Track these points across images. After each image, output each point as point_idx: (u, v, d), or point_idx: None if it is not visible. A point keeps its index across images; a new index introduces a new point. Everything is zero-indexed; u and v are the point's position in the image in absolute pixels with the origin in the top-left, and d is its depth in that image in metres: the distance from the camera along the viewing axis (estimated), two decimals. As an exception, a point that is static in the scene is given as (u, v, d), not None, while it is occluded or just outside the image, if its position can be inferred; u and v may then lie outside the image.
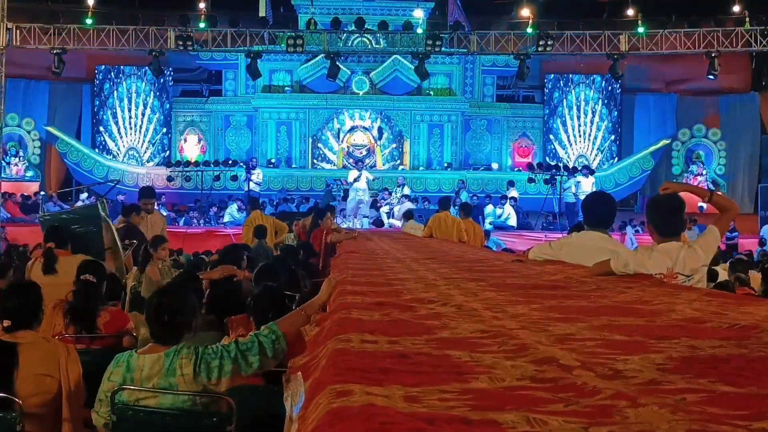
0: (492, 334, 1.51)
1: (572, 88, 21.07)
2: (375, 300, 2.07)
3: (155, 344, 2.71)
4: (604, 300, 2.16)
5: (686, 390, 1.04)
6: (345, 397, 0.98)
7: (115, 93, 20.64)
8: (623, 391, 1.03)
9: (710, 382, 1.09)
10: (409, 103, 20.46)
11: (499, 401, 0.97)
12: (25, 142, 20.02)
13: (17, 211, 16.97)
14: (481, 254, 5.17)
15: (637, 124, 21.22)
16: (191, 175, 18.35)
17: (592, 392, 1.03)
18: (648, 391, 1.03)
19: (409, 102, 20.46)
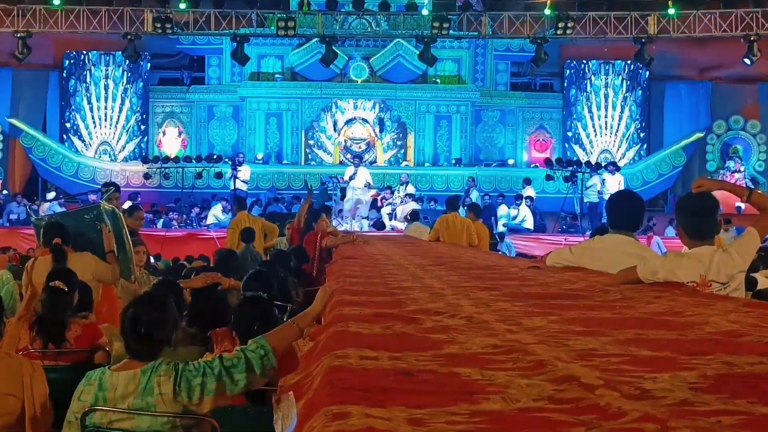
0: (505, 350, 1.51)
1: (595, 75, 21.08)
2: (375, 311, 2.07)
3: (131, 360, 2.71)
4: (630, 311, 2.16)
5: (722, 412, 1.04)
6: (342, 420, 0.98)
7: (85, 81, 20.66)
8: (652, 412, 1.03)
9: (749, 403, 1.09)
10: (414, 92, 20.48)
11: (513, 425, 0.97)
12: (-14, 136, 20.07)
13: (-23, 212, 16.99)
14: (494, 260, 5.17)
15: (668, 115, 21.22)
16: (171, 172, 18.38)
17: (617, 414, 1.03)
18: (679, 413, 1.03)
19: (413, 91, 20.48)
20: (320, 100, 20.43)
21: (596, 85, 21.08)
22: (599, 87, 21.08)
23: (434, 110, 20.55)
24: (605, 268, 3.35)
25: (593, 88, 21.08)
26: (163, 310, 2.79)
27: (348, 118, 20.68)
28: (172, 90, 21.39)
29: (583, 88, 21.12)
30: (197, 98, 20.98)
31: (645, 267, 2.82)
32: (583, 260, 3.56)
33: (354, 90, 20.47)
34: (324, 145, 20.74)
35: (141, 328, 2.69)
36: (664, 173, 20.11)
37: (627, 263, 3.11)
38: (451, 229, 8.94)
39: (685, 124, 20.86)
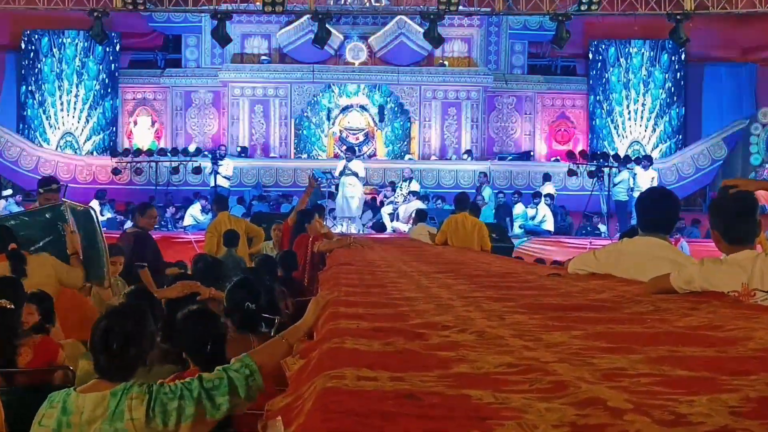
0: (522, 369, 1.51)
1: (624, 57, 21.10)
2: (374, 325, 2.07)
3: (100, 380, 2.71)
4: (663, 325, 2.16)
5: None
6: (337, 448, 0.98)
7: (46, 65, 20.69)
8: (687, 440, 1.03)
9: (797, 430, 1.09)
10: (418, 76, 20.51)
11: (530, 454, 0.98)
12: (-66, 126, 20.07)
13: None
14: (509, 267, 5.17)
15: (706, 102, 21.23)
16: (143, 167, 18.37)
17: (648, 442, 1.03)
18: (718, 441, 1.03)
19: (417, 75, 20.51)
20: (312, 86, 20.46)
21: (625, 68, 21.09)
22: (628, 70, 21.09)
23: (441, 96, 20.58)
24: (635, 275, 3.35)
25: (622, 71, 21.09)
26: (140, 324, 2.79)
27: (344, 106, 20.71)
28: (144, 74, 21.44)
29: (611, 72, 21.14)
30: (173, 83, 21.02)
31: (679, 275, 2.82)
32: (609, 266, 3.57)
33: (350, 74, 20.50)
34: (317, 136, 20.76)
35: (113, 343, 2.69)
36: (702, 167, 20.09)
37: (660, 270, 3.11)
38: (461, 230, 8.94)
39: (726, 112, 20.85)
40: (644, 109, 21.09)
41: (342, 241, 7.63)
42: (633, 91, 21.11)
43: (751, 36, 20.28)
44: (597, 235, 16.06)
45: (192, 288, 4.71)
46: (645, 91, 21.11)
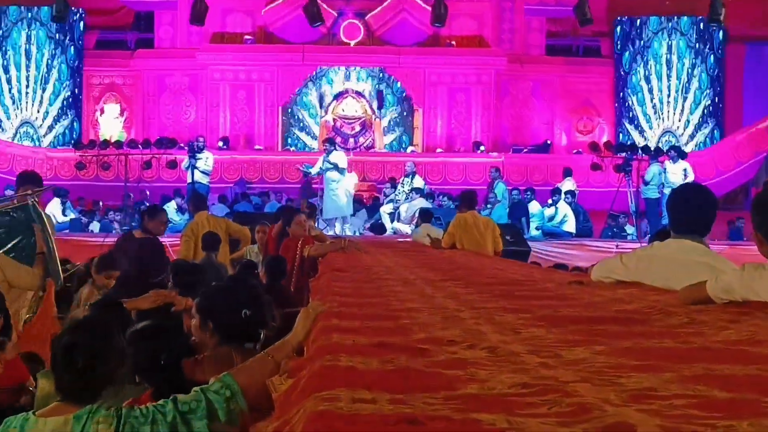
0: (539, 390, 1.51)
1: (654, 36, 21.11)
2: (373, 340, 2.07)
3: (62, 402, 2.71)
4: (699, 339, 2.16)
5: (816, 469, 1.04)
6: (330, 480, 0.98)
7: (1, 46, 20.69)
8: (726, 471, 1.03)
9: None
10: (422, 57, 20.53)
11: (549, 486, 0.98)
12: None
13: None
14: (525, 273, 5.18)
15: (748, 86, 21.25)
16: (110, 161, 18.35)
17: (682, 473, 1.03)
18: (762, 472, 1.03)
19: (421, 56, 20.53)
20: (302, 69, 20.48)
21: (656, 49, 21.11)
22: (660, 51, 21.10)
23: (448, 81, 20.60)
24: (667, 283, 3.35)
25: (652, 52, 21.11)
26: (107, 339, 2.79)
27: (337, 92, 20.73)
28: (112, 56, 21.43)
29: (640, 53, 21.17)
30: (144, 66, 21.04)
31: (717, 283, 2.82)
32: (639, 273, 3.56)
33: (345, 55, 20.50)
34: (307, 125, 20.77)
35: (78, 361, 2.68)
36: (744, 161, 20.08)
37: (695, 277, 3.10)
38: (473, 231, 8.95)
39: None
40: (678, 94, 21.10)
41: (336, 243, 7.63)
42: (665, 75, 21.12)
43: (799, 11, 20.29)
44: (624, 237, 16.06)
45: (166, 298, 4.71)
46: (678, 74, 21.12)
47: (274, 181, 19.04)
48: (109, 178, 18.57)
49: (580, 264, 12.83)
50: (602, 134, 21.06)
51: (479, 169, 19.33)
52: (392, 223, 16.05)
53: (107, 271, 6.17)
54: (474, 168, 19.53)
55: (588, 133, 21.28)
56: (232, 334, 3.70)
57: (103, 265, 6.23)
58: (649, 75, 21.12)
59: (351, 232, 15.12)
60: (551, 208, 16.40)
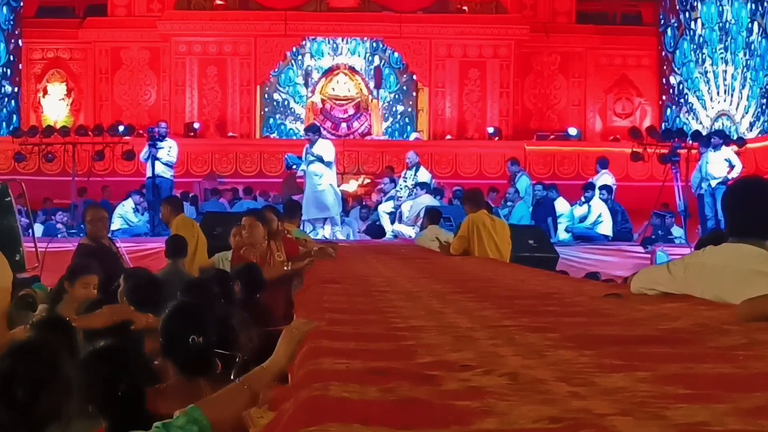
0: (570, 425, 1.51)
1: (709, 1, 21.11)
2: (370, 365, 2.07)
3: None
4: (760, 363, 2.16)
5: None
6: None
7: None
8: None
9: None
10: (428, 26, 20.55)
11: None
12: None
13: None
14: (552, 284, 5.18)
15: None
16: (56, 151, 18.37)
17: None
18: None
19: (427, 25, 20.55)
20: (284, 40, 20.49)
21: (709, 15, 21.11)
22: (713, 18, 21.11)
23: (459, 54, 20.64)
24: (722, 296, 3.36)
25: (704, 19, 21.11)
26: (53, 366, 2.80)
27: (327, 68, 20.75)
28: (57, 25, 21.45)
29: (690, 21, 21.16)
30: (95, 38, 21.07)
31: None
32: (688, 284, 3.57)
33: (336, 24, 20.52)
34: (290, 108, 20.79)
35: (18, 392, 2.69)
36: (814, 149, 20.14)
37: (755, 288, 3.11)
38: (490, 235, 8.97)
39: None
40: (736, 70, 21.09)
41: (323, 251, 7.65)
42: (720, 46, 21.11)
43: None
44: (670, 241, 16.06)
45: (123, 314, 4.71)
46: (737, 46, 21.12)
47: (252, 174, 19.04)
48: (54, 172, 18.60)
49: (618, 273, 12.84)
50: (644, 118, 21.09)
51: (496, 160, 19.36)
52: (392, 224, 16.06)
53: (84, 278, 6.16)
54: (490, 158, 19.57)
55: (627, 116, 21.34)
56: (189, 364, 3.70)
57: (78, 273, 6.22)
58: (701, 47, 21.12)
59: (344, 236, 15.11)
60: (583, 206, 16.38)
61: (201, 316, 3.98)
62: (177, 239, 8.80)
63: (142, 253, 13.65)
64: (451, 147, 19.95)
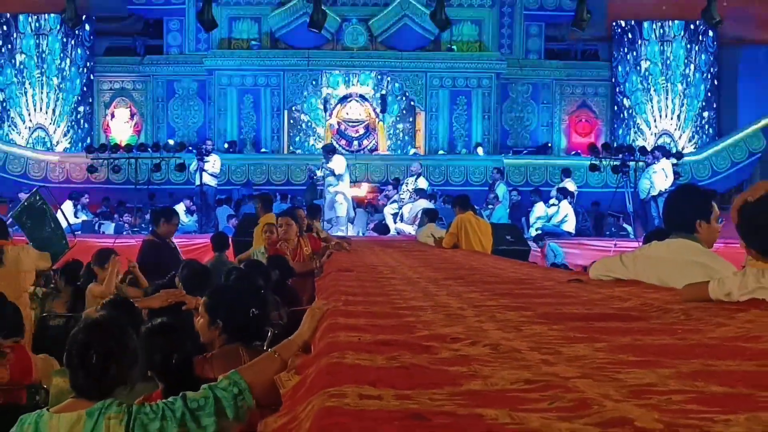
0: (541, 386, 1.51)
1: (650, 40, 21.09)
2: (378, 338, 2.07)
3: (76, 399, 2.71)
4: (696, 336, 2.16)
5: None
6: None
7: (13, 52, 20.72)
8: (724, 464, 1.03)
9: None
10: (424, 62, 20.52)
11: (551, 480, 0.98)
12: None
13: None
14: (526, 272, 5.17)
15: (742, 89, 21.20)
16: (121, 164, 18.37)
17: (681, 466, 1.03)
18: (758, 465, 1.03)
19: (423, 61, 20.52)
20: (307, 73, 20.47)
21: (652, 53, 21.09)
22: (656, 54, 21.08)
23: (449, 84, 20.59)
24: (664, 280, 3.36)
25: (648, 55, 21.09)
26: (121, 339, 2.79)
27: (342, 96, 20.72)
28: (122, 62, 21.45)
29: (636, 57, 21.13)
30: (153, 72, 21.05)
31: (720, 287, 2.81)
32: (637, 272, 3.57)
33: (349, 60, 20.50)
34: (312, 129, 20.78)
35: (92, 360, 2.69)
36: (739, 161, 20.08)
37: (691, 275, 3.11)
38: (475, 232, 8.97)
39: (765, 100, 20.80)
40: (674, 97, 21.08)
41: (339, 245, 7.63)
42: (661, 78, 21.10)
43: (792, 16, 20.25)
44: (622, 236, 16.03)
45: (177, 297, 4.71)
46: (674, 78, 21.10)
47: (280, 183, 19.03)
48: (120, 181, 18.57)
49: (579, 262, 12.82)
50: (600, 136, 21.03)
51: (480, 171, 19.31)
52: (395, 223, 16.04)
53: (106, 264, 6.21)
54: (475, 169, 19.50)
55: (586, 135, 21.25)
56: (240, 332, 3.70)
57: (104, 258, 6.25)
58: (646, 78, 21.11)
59: (355, 233, 15.11)
60: (552, 207, 16.36)
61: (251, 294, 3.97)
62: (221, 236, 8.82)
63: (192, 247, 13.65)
64: (443, 160, 19.91)
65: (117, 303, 4.31)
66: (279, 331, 4.26)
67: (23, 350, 4.41)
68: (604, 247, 14.41)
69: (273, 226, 8.21)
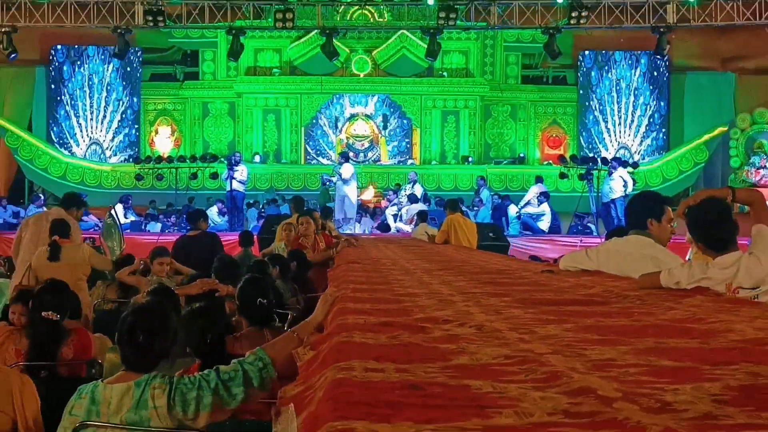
0: (518, 360, 1.51)
1: (611, 67, 21.07)
2: (381, 320, 2.06)
3: (126, 372, 2.72)
4: (649, 318, 2.15)
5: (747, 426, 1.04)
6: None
7: (73, 78, 20.72)
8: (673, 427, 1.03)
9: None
10: (419, 86, 20.50)
11: (527, 440, 0.98)
12: (-32, 136, 20.12)
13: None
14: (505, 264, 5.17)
15: (688, 109, 21.18)
16: (164, 173, 18.39)
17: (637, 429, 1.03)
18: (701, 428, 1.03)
19: (418, 85, 20.51)
20: (320, 96, 20.47)
21: (612, 78, 21.07)
22: (616, 80, 21.06)
23: (441, 105, 20.57)
24: (623, 271, 3.36)
25: (609, 80, 21.07)
26: (164, 320, 2.80)
27: (350, 114, 20.72)
28: (164, 86, 21.46)
29: (599, 81, 21.12)
30: (191, 94, 21.04)
31: (669, 276, 2.81)
32: (600, 263, 3.57)
33: (356, 85, 20.50)
34: (325, 143, 20.77)
35: (139, 338, 2.70)
36: (686, 170, 20.08)
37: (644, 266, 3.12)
38: (461, 230, 8.97)
39: (708, 118, 20.79)
40: (630, 115, 21.06)
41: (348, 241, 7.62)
42: (620, 99, 21.08)
43: (730, 47, 20.26)
44: (587, 233, 16.02)
45: (211, 285, 4.73)
46: (631, 99, 21.09)
47: (298, 188, 19.01)
48: (163, 187, 18.58)
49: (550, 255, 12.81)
50: (568, 148, 21.01)
51: (467, 178, 19.31)
52: (395, 223, 16.03)
53: (159, 258, 6.27)
54: (462, 177, 19.50)
55: (556, 147, 21.23)
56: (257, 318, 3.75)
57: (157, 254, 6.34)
58: (607, 99, 21.09)
59: (361, 231, 15.10)
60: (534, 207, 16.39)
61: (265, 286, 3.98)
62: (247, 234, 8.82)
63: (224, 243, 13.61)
64: (436, 169, 19.91)
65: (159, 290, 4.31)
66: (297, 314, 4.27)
67: (83, 331, 4.43)
68: (572, 243, 14.40)
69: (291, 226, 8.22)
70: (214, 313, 3.37)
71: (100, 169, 19.78)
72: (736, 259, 2.77)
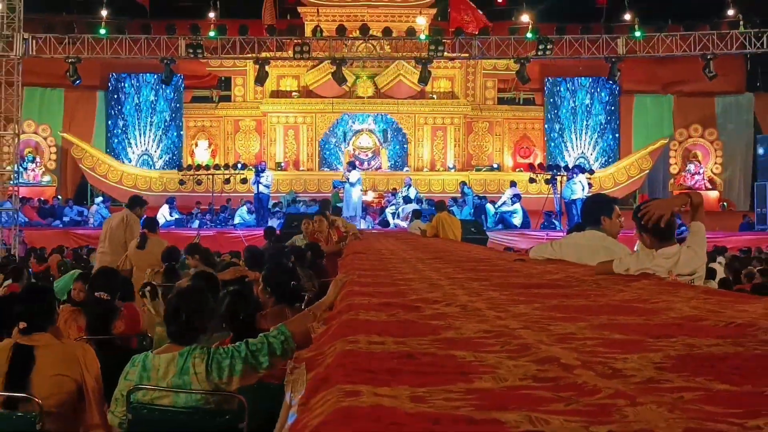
0: (495, 334, 1.50)
1: (572, 90, 21.04)
2: (381, 300, 2.05)
3: (171, 344, 2.72)
4: (603, 299, 2.15)
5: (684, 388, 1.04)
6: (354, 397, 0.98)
7: (128, 100, 20.71)
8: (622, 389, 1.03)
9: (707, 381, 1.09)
10: (413, 106, 20.47)
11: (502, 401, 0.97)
12: (42, 149, 20.11)
13: (34, 215, 17.04)
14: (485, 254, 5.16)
15: (636, 124, 21.18)
16: (202, 179, 18.38)
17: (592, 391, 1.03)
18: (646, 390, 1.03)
19: (412, 106, 20.47)
20: (332, 114, 20.44)
21: (573, 99, 21.07)
22: (576, 100, 21.06)
23: (431, 122, 20.57)
24: (581, 260, 3.36)
25: (570, 101, 21.07)
26: (203, 301, 2.80)
27: (356, 130, 20.69)
28: (202, 106, 21.42)
29: (561, 102, 21.11)
30: (225, 113, 21.02)
31: (620, 264, 2.81)
32: (562, 253, 3.57)
33: (361, 105, 20.47)
34: (336, 153, 20.75)
35: (182, 316, 2.70)
36: (633, 175, 20.09)
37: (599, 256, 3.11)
38: (450, 226, 8.95)
39: (651, 133, 20.83)
40: (588, 130, 21.06)
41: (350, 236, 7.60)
42: (579, 117, 21.07)
43: (670, 74, 20.30)
44: (552, 228, 16.02)
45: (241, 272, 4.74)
46: (588, 117, 21.08)
47: (314, 192, 19.04)
48: (201, 191, 18.60)
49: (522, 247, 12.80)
50: (536, 158, 21.00)
51: (452, 182, 19.30)
52: (394, 220, 16.03)
53: (193, 255, 6.21)
54: (449, 181, 19.51)
55: (526, 157, 21.20)
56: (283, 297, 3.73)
57: (191, 250, 6.27)
58: (568, 117, 21.08)
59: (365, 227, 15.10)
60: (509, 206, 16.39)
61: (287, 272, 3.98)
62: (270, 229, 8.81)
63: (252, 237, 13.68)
64: (427, 175, 19.90)
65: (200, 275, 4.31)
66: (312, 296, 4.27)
67: (133, 308, 4.41)
68: (540, 237, 14.40)
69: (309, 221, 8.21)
70: (245, 295, 3.37)
71: (150, 176, 19.77)
72: (676, 251, 2.77)
